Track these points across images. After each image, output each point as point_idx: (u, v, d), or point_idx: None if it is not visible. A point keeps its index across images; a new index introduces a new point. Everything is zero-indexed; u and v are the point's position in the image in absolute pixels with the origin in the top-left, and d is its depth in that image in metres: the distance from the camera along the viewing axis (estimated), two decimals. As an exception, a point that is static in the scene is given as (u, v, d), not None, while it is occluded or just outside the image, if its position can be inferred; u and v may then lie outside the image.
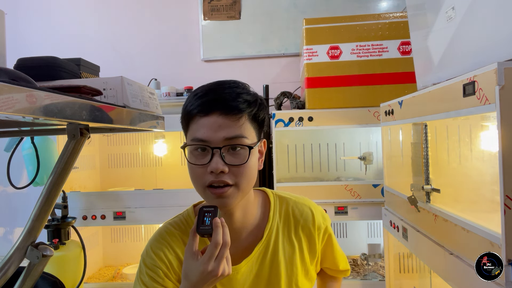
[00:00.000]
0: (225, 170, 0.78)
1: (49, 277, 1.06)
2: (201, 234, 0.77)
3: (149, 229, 2.45)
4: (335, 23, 1.96)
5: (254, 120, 0.83)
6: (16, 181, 1.41)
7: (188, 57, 2.64)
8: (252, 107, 0.82)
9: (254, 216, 0.91)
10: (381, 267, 2.08)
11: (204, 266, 0.74)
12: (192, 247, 0.77)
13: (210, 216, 0.77)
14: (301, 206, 0.95)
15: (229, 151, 0.79)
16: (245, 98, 0.81)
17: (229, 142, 0.79)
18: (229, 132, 0.78)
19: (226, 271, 0.75)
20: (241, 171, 0.79)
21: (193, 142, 0.80)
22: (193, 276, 0.75)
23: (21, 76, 0.61)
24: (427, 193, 1.17)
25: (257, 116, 0.83)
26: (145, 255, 0.90)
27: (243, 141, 0.80)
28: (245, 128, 0.80)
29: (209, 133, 0.78)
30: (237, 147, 0.79)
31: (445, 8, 1.11)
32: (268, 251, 0.91)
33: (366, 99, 1.94)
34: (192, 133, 0.81)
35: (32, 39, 2.71)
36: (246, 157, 0.80)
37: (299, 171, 2.27)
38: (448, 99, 0.99)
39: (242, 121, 0.80)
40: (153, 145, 2.41)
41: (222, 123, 0.78)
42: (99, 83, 0.87)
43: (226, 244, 0.75)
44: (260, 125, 0.86)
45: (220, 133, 0.78)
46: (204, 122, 0.79)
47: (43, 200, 0.77)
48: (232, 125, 0.79)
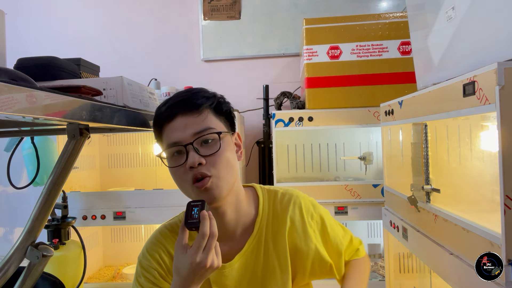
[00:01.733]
0: (202, 161, 0.80)
1: (49, 277, 1.06)
2: (189, 227, 0.77)
3: (149, 229, 2.45)
4: (335, 23, 1.96)
5: (217, 113, 0.86)
6: (16, 181, 1.40)
7: (188, 57, 2.63)
8: (211, 101, 0.86)
9: (246, 213, 0.92)
10: (381, 267, 2.08)
11: (193, 258, 0.74)
12: (181, 241, 0.77)
13: (198, 209, 0.77)
14: (289, 196, 0.96)
15: (202, 145, 0.82)
16: (203, 95, 0.86)
17: (198, 136, 0.82)
18: (195, 127, 0.82)
19: (215, 263, 0.75)
20: (217, 159, 0.82)
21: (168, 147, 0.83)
22: (183, 269, 0.75)
23: (21, 76, 0.61)
24: (427, 193, 1.17)
25: (219, 108, 0.87)
26: (141, 257, 0.91)
27: (211, 131, 0.83)
28: (210, 121, 0.84)
29: (178, 134, 0.82)
30: (208, 139, 0.83)
31: (445, 8, 1.11)
32: (260, 245, 0.91)
33: (366, 99, 1.94)
34: (165, 141, 0.85)
35: (32, 39, 2.71)
36: (218, 145, 0.83)
37: (299, 171, 2.27)
38: (448, 99, 0.99)
39: (204, 115, 0.84)
40: (153, 145, 2.41)
41: (187, 121, 0.82)
42: (99, 83, 0.87)
43: (213, 235, 0.75)
44: (228, 117, 0.89)
45: (187, 130, 0.82)
46: (172, 126, 0.83)
47: (43, 200, 0.77)
48: (196, 121, 0.83)
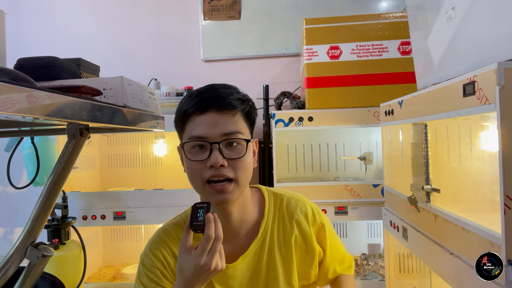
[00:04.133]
0: (225, 163, 0.80)
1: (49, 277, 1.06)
2: (194, 229, 0.77)
3: (149, 229, 2.45)
4: (335, 23, 1.96)
5: (247, 118, 0.86)
6: (16, 181, 1.41)
7: (188, 57, 2.63)
8: (245, 105, 0.85)
9: (251, 214, 0.92)
10: (381, 267, 2.08)
11: (197, 260, 0.74)
12: (186, 243, 0.77)
13: (203, 212, 0.77)
14: (295, 201, 0.96)
15: (227, 147, 0.82)
16: (237, 97, 0.85)
17: (226, 137, 0.81)
18: (225, 128, 0.81)
19: (219, 266, 0.76)
20: (240, 164, 0.82)
21: (191, 139, 0.82)
22: (186, 271, 0.75)
23: (21, 76, 0.61)
24: (427, 193, 1.17)
25: (249, 114, 0.87)
26: (143, 256, 0.91)
27: (239, 136, 0.82)
28: (240, 124, 0.83)
29: (206, 129, 0.81)
30: (234, 142, 0.82)
31: (445, 8, 1.11)
32: (264, 248, 0.91)
33: (366, 99, 1.94)
34: (189, 131, 0.83)
35: (32, 39, 2.71)
36: (243, 151, 0.82)
37: (299, 171, 2.27)
38: (448, 99, 0.99)
39: (236, 117, 0.83)
40: (153, 145, 2.41)
41: (219, 119, 0.81)
42: (99, 83, 0.87)
43: (218, 238, 0.75)
44: (252, 124, 0.89)
45: (217, 129, 0.81)
46: (201, 120, 0.82)
47: (43, 200, 0.77)
48: (228, 121, 0.82)
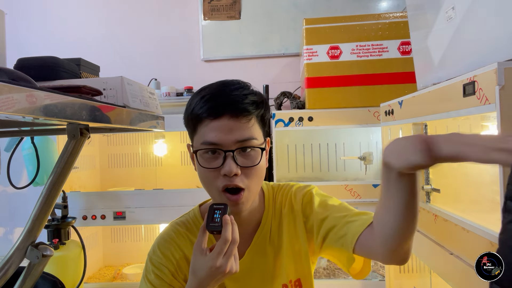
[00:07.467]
0: (238, 172, 0.78)
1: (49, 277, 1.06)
2: (211, 230, 0.77)
3: (149, 229, 2.45)
4: (335, 23, 1.96)
5: (261, 121, 0.84)
6: (16, 181, 1.41)
7: (188, 57, 2.63)
8: (260, 109, 0.82)
9: (256, 210, 0.92)
10: (381, 267, 2.08)
11: (213, 262, 0.74)
12: (201, 244, 0.77)
13: (220, 213, 0.77)
14: (289, 188, 0.96)
15: (240, 153, 0.80)
16: (252, 99, 0.81)
17: (240, 145, 0.79)
18: (240, 134, 0.78)
19: (234, 268, 0.76)
20: (253, 172, 0.80)
21: (204, 145, 0.80)
22: (201, 272, 0.75)
23: (21, 76, 0.61)
24: (427, 193, 1.17)
25: (264, 117, 0.84)
26: (152, 254, 0.89)
27: (253, 143, 0.80)
28: (254, 130, 0.81)
29: (220, 136, 0.78)
30: (248, 149, 0.80)
31: (445, 8, 1.11)
32: (266, 239, 0.91)
33: (366, 99, 1.94)
34: (201, 135, 0.80)
35: (32, 39, 2.71)
36: (258, 158, 0.81)
37: (299, 171, 2.27)
38: (448, 99, 0.99)
39: (251, 123, 0.80)
40: (153, 145, 2.41)
41: (233, 126, 0.78)
42: (99, 83, 0.87)
43: (235, 241, 0.75)
44: (266, 125, 0.87)
45: (231, 136, 0.78)
46: (214, 126, 0.79)
47: (43, 200, 0.77)
48: (242, 127, 0.79)
